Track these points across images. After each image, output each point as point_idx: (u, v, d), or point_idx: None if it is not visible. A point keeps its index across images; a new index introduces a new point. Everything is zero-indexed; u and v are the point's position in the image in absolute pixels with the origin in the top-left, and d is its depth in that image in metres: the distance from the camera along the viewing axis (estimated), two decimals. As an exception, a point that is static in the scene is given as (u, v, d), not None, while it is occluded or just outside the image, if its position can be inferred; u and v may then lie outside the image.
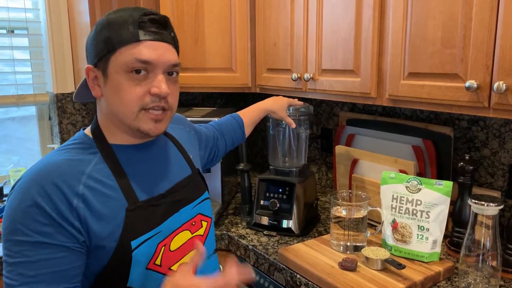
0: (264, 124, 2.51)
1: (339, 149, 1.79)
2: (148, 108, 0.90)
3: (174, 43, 0.95)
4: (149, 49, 0.88)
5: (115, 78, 0.88)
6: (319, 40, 1.58)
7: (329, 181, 2.14)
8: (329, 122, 2.09)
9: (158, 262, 0.93)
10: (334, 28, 1.51)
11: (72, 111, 2.21)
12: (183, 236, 0.99)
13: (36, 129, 2.30)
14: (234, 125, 1.52)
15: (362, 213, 1.38)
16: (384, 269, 1.25)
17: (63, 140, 2.20)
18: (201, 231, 1.06)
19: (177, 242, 0.98)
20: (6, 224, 0.83)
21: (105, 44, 0.87)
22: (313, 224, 1.67)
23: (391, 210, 1.36)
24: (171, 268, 0.96)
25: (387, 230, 1.37)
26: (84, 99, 1.01)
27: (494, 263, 1.17)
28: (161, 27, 0.91)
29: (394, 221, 1.35)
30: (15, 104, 2.17)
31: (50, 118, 2.30)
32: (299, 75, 1.68)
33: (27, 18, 2.16)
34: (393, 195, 1.35)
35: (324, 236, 1.51)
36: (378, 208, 1.40)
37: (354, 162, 1.73)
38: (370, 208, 1.39)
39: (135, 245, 0.89)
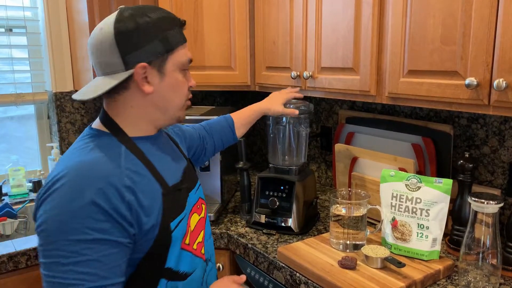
0: (263, 122, 2.50)
1: (339, 147, 1.79)
2: (188, 98, 1.06)
3: None
4: (187, 49, 1.02)
5: (173, 76, 0.98)
6: (319, 38, 1.58)
7: (329, 180, 2.14)
8: (329, 120, 2.09)
9: (187, 241, 1.03)
10: (333, 26, 1.51)
11: (71, 110, 2.20)
12: (195, 218, 1.09)
13: (35, 128, 2.29)
14: (224, 125, 1.52)
15: (361, 211, 1.37)
16: (384, 268, 1.25)
17: (62, 139, 2.19)
18: (203, 213, 1.15)
19: (192, 222, 1.07)
20: (56, 226, 0.82)
21: (163, 44, 0.95)
22: (312, 223, 1.67)
23: (391, 208, 1.35)
24: (193, 247, 1.06)
25: (386, 228, 1.37)
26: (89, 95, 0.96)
27: (494, 261, 1.16)
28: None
29: (393, 219, 1.34)
30: (13, 103, 2.16)
31: (49, 117, 2.29)
32: (298, 73, 1.68)
33: (26, 16, 2.15)
34: (392, 193, 1.35)
35: (323, 235, 1.51)
36: (377, 206, 1.39)
37: (354, 160, 1.73)
38: (369, 207, 1.39)
39: (173, 226, 0.97)
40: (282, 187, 1.62)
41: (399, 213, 1.33)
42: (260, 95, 2.51)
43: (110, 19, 0.95)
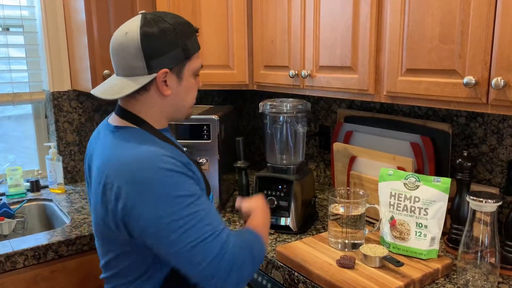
0: (261, 121, 2.50)
1: (337, 146, 1.79)
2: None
3: None
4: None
5: (189, 80, 1.08)
6: (317, 37, 1.57)
7: (327, 179, 2.14)
8: (327, 119, 2.09)
9: None
10: (331, 25, 1.50)
11: (69, 109, 2.20)
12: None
13: (33, 127, 2.28)
14: None
15: (360, 210, 1.37)
16: (382, 267, 1.25)
17: (59, 139, 2.19)
18: None
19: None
20: (166, 203, 0.92)
21: (184, 52, 1.04)
22: (311, 222, 1.67)
23: (389, 207, 1.35)
24: None
25: (385, 227, 1.37)
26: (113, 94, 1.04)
27: (492, 260, 1.16)
28: None
29: (392, 218, 1.34)
30: (11, 103, 2.16)
31: (46, 117, 2.28)
32: (296, 72, 1.67)
33: (23, 15, 2.14)
34: (391, 192, 1.35)
35: (322, 234, 1.51)
36: (376, 206, 1.39)
37: (352, 159, 1.73)
38: (368, 206, 1.39)
39: (211, 198, 1.12)
40: (280, 186, 1.62)
41: (397, 212, 1.33)
42: (258, 94, 2.51)
43: (135, 24, 1.02)
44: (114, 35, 1.06)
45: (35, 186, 2.09)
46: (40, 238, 1.60)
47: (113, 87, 1.04)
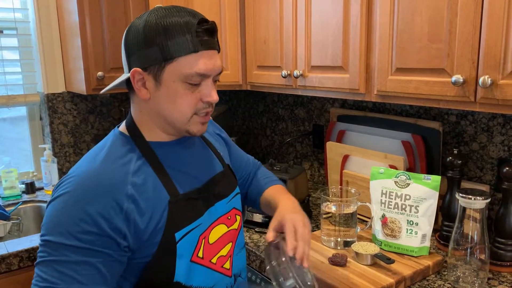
0: (256, 121, 2.51)
1: (330, 145, 1.80)
2: (199, 113, 0.94)
3: (219, 48, 0.96)
4: (206, 60, 0.90)
5: (171, 86, 0.90)
6: (308, 37, 1.58)
7: (322, 178, 2.15)
8: (321, 118, 2.10)
9: (200, 254, 0.96)
10: (322, 25, 1.51)
11: (63, 111, 2.20)
12: (220, 230, 1.01)
13: (27, 129, 2.29)
14: (260, 184, 1.29)
15: (351, 208, 1.38)
16: (373, 264, 1.26)
17: (54, 140, 2.19)
18: (235, 225, 1.07)
19: (214, 235, 1.00)
20: (51, 226, 0.84)
21: (161, 51, 0.87)
22: (304, 221, 1.68)
23: (381, 205, 1.36)
24: (211, 260, 0.98)
25: (376, 225, 1.38)
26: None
27: (482, 256, 1.18)
28: (213, 34, 0.92)
29: (383, 216, 1.35)
30: (5, 105, 2.16)
31: (41, 119, 2.29)
32: (289, 72, 1.68)
33: (16, 18, 2.15)
34: (382, 190, 1.36)
35: (315, 232, 1.52)
36: (367, 204, 1.40)
37: (345, 158, 1.74)
38: (359, 204, 1.40)
39: (179, 237, 0.91)
40: (273, 186, 1.63)
41: (388, 210, 1.34)
42: (252, 94, 2.52)
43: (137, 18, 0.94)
44: None
45: (30, 188, 2.09)
46: (35, 240, 1.60)
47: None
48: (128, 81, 0.94)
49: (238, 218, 1.09)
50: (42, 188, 2.15)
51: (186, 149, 1.02)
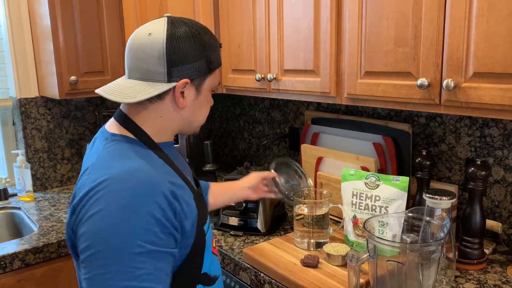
0: (234, 124, 2.52)
1: (304, 147, 1.82)
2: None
3: None
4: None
5: (206, 94, 1.00)
6: (281, 41, 1.60)
7: (298, 180, 2.17)
8: (296, 121, 2.12)
9: (214, 244, 1.06)
10: (294, 29, 1.53)
11: (37, 115, 2.17)
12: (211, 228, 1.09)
13: (0, 134, 2.25)
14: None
15: (323, 210, 1.40)
16: (345, 265, 1.28)
17: (28, 146, 2.16)
18: None
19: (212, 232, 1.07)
20: (110, 242, 0.79)
21: (207, 65, 0.96)
22: (279, 223, 1.69)
23: (352, 206, 1.38)
24: (217, 251, 1.10)
25: (348, 226, 1.40)
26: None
27: (449, 255, 1.21)
28: None
29: (354, 217, 1.37)
30: (-24, 110, 2.12)
31: (14, 124, 2.25)
32: (263, 75, 1.70)
33: (-13, 21, 2.11)
34: (353, 192, 1.38)
35: (289, 234, 1.53)
36: (339, 205, 1.42)
37: (319, 160, 1.76)
38: (331, 205, 1.42)
39: (206, 229, 0.98)
40: (248, 189, 1.64)
41: (359, 211, 1.36)
42: (229, 98, 2.52)
43: (160, 26, 0.94)
44: (134, 34, 0.96)
45: (3, 194, 2.06)
46: (6, 247, 1.58)
47: (124, 90, 0.93)
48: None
49: None
50: (15, 195, 2.12)
51: (175, 150, 1.08)
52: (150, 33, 0.93)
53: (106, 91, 0.95)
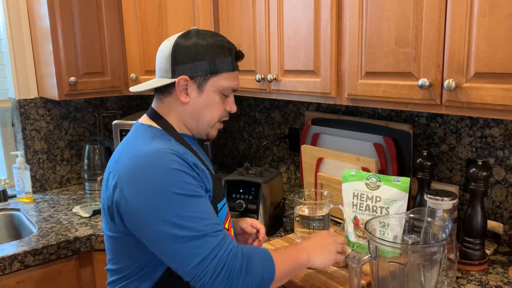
0: (234, 125, 2.51)
1: (305, 148, 1.81)
2: (221, 119, 1.17)
3: None
4: (237, 79, 1.15)
5: (210, 95, 1.11)
6: (281, 41, 1.60)
7: (298, 180, 2.16)
8: (296, 121, 2.11)
9: (227, 226, 1.17)
10: (294, 29, 1.53)
11: (36, 117, 2.17)
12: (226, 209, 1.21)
13: (-1, 136, 2.24)
14: None
15: (324, 211, 1.40)
16: (345, 266, 1.27)
17: (27, 147, 2.15)
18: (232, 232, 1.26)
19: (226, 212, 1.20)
20: (161, 197, 0.95)
21: (209, 66, 1.09)
22: (280, 224, 1.68)
23: (352, 207, 1.38)
24: (232, 233, 1.22)
25: (349, 227, 1.39)
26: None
27: (451, 256, 1.20)
28: (240, 60, 1.17)
29: (355, 218, 1.37)
30: (-25, 111, 2.11)
31: (13, 125, 2.25)
32: (262, 76, 1.69)
33: (-14, 22, 2.11)
34: (354, 193, 1.37)
35: (289, 235, 1.53)
36: (340, 206, 1.42)
37: (319, 160, 1.75)
38: (332, 206, 1.41)
39: (219, 207, 1.12)
40: (248, 189, 1.63)
41: (360, 211, 1.36)
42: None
43: (179, 34, 1.12)
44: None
45: (2, 195, 2.05)
46: (5, 249, 1.57)
47: (146, 84, 1.14)
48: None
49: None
50: (14, 196, 2.11)
51: (196, 143, 1.20)
52: (169, 39, 1.11)
53: (136, 87, 1.16)
